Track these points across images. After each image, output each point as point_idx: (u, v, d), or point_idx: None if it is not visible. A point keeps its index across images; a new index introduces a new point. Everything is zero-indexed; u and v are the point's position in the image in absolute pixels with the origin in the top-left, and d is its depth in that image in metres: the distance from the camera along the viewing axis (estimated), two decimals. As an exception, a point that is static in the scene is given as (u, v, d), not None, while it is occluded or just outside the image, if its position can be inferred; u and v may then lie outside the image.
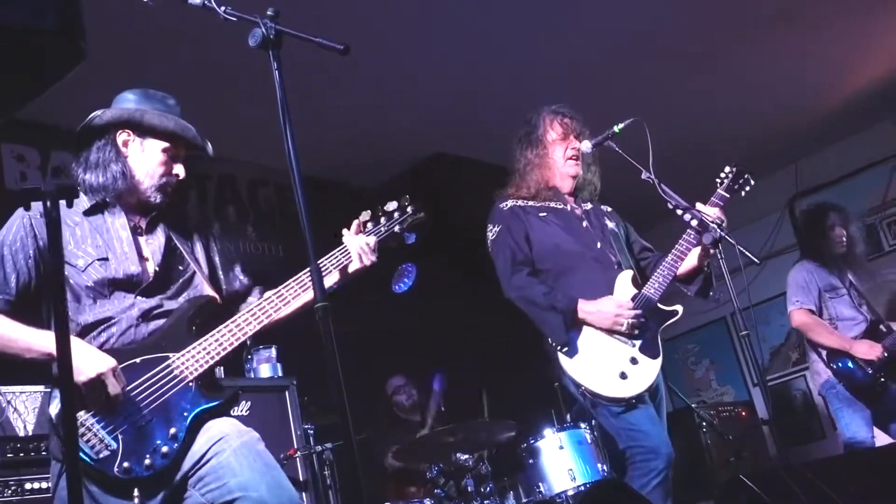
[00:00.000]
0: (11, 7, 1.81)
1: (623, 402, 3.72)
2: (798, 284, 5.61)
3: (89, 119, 2.79)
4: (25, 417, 3.92)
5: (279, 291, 2.81)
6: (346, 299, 2.85)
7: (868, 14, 6.47)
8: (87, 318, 2.61)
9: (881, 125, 8.37)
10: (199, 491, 2.48)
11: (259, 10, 2.35)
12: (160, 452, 2.46)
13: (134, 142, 2.79)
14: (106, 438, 2.42)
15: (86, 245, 2.68)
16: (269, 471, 2.49)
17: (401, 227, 3.10)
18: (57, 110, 3.04)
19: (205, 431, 2.56)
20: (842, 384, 5.32)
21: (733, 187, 4.07)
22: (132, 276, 2.68)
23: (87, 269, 2.63)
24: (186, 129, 2.85)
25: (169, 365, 2.58)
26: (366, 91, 6.03)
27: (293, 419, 4.72)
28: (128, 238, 2.75)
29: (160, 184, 2.80)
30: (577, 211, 4.11)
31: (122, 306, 2.64)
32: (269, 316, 2.77)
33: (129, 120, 2.77)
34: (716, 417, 6.95)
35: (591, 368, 3.78)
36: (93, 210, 2.76)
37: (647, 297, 3.87)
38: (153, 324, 2.66)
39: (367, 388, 6.52)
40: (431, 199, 3.25)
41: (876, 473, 3.43)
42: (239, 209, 6.70)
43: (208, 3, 2.44)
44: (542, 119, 4.18)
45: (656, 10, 5.84)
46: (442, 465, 5.20)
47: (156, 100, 2.85)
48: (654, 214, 5.20)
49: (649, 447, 3.65)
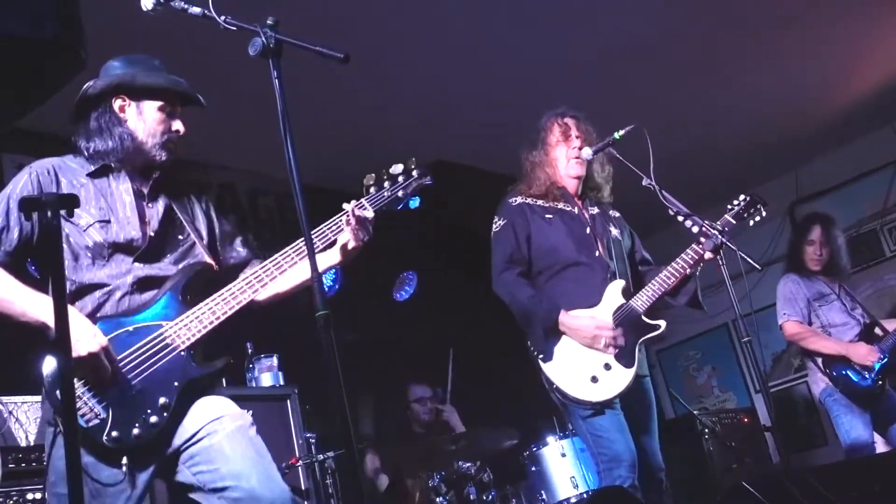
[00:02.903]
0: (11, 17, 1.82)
1: (590, 405, 3.73)
2: (785, 297, 5.63)
3: (83, 91, 2.81)
4: (27, 427, 3.92)
5: (275, 258, 2.79)
6: (347, 307, 2.85)
7: (868, 21, 6.48)
8: (83, 278, 2.62)
9: (881, 131, 8.37)
10: (190, 469, 2.49)
11: (259, 19, 2.36)
12: (149, 422, 2.46)
13: (130, 106, 2.81)
14: (96, 407, 2.43)
15: (89, 206, 2.69)
16: (261, 460, 2.50)
17: (405, 192, 3.04)
18: (57, 120, 3.05)
19: (199, 407, 2.56)
20: (840, 390, 5.31)
21: (742, 215, 4.05)
22: (132, 241, 2.69)
23: (87, 230, 2.65)
24: (178, 82, 2.88)
25: (161, 333, 2.57)
26: (366, 98, 6.04)
27: (295, 428, 4.71)
28: (131, 202, 2.76)
29: (163, 141, 2.82)
30: (583, 215, 4.10)
31: (118, 271, 2.65)
32: (263, 283, 2.74)
33: (121, 84, 2.80)
34: (718, 424, 6.94)
35: (564, 369, 3.79)
36: (98, 173, 2.77)
37: (632, 308, 3.85)
38: (148, 292, 2.66)
39: (367, 394, 6.53)
40: (432, 206, 3.21)
41: (877, 479, 3.42)
42: (239, 217, 6.70)
43: (208, 12, 2.45)
44: (545, 122, 4.21)
45: (657, 18, 5.85)
46: (444, 473, 5.20)
47: (140, 62, 2.88)
48: (656, 221, 5.20)
49: (612, 454, 3.67)
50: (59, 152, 2.85)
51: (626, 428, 3.75)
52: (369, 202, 2.94)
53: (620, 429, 3.73)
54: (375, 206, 2.95)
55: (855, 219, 8.44)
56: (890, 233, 8.47)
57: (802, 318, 5.52)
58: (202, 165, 6.10)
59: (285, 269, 2.77)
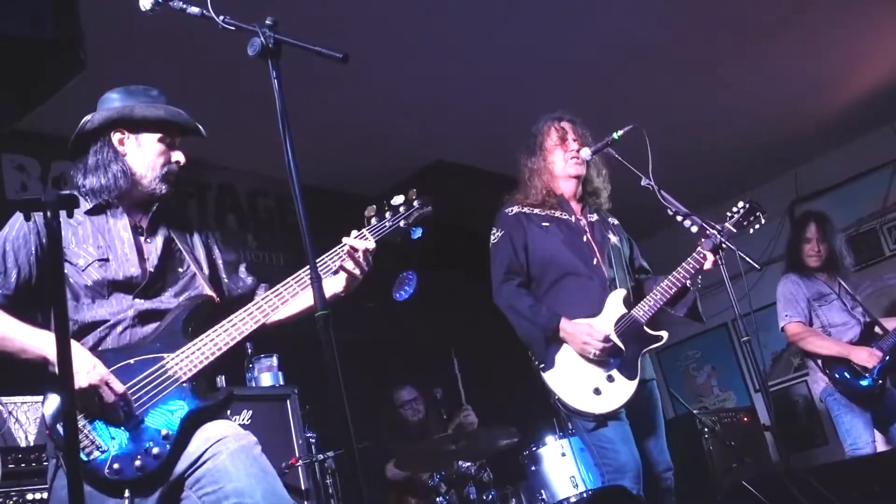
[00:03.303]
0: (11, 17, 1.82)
1: (592, 418, 3.73)
2: (785, 298, 5.61)
3: (80, 126, 2.79)
4: (27, 428, 3.92)
5: (277, 290, 2.77)
6: (347, 307, 2.84)
7: (867, 21, 6.48)
8: (85, 317, 2.60)
9: (881, 130, 8.37)
10: (196, 493, 2.48)
11: (258, 19, 2.36)
12: (151, 454, 2.45)
13: (129, 139, 2.79)
14: (97, 440, 2.42)
15: (87, 245, 2.68)
16: (265, 477, 2.49)
17: (406, 223, 3.03)
18: (57, 120, 3.05)
19: (201, 432, 2.55)
20: (839, 391, 5.31)
21: (742, 223, 4.04)
22: (132, 278, 2.68)
23: (86, 269, 2.63)
24: (177, 114, 2.86)
25: (163, 366, 2.57)
26: (366, 99, 6.04)
27: (294, 428, 4.71)
28: (129, 239, 2.74)
29: (163, 174, 2.80)
30: (581, 222, 4.08)
31: (119, 308, 2.64)
32: (267, 315, 2.74)
33: (120, 118, 2.78)
34: (717, 423, 6.94)
35: (566, 381, 3.79)
36: (95, 210, 2.76)
37: (634, 318, 3.84)
38: (149, 325, 2.65)
39: (368, 396, 6.52)
40: (432, 207, 3.19)
41: (877, 479, 3.42)
42: (239, 218, 6.70)
43: (207, 12, 2.44)
44: (540, 127, 4.20)
45: (657, 18, 5.85)
46: (444, 473, 5.20)
47: (139, 94, 2.86)
48: (655, 221, 5.20)
49: (616, 465, 3.67)
50: (59, 153, 2.85)
51: (632, 438, 3.75)
52: (370, 232, 2.94)
53: (625, 439, 3.72)
54: (377, 236, 2.94)
55: (854, 218, 8.45)
56: (889, 232, 8.47)
57: (804, 319, 5.51)
58: (202, 165, 6.11)
59: (287, 299, 2.77)
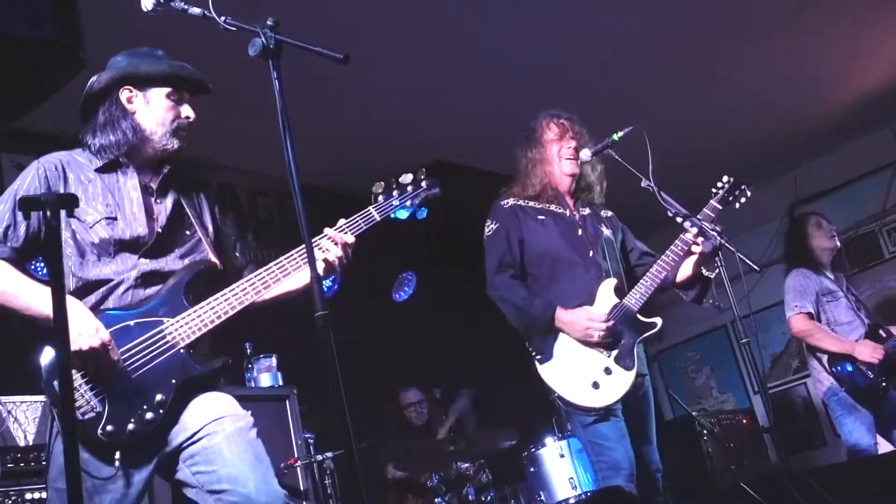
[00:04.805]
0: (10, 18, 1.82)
1: (593, 412, 3.72)
2: (795, 289, 5.58)
3: (88, 86, 2.79)
4: (26, 427, 3.92)
5: (279, 262, 2.76)
6: (347, 307, 2.83)
7: (867, 22, 6.49)
8: (89, 275, 2.60)
9: (880, 132, 8.38)
10: (190, 469, 2.49)
11: (259, 20, 2.36)
12: (145, 418, 2.45)
13: (137, 96, 2.78)
14: (92, 400, 2.42)
15: (96, 202, 2.68)
16: (259, 465, 2.49)
17: (412, 202, 3.03)
18: (57, 119, 3.05)
19: (200, 405, 2.55)
20: (844, 389, 5.30)
21: (727, 199, 4.05)
22: (139, 238, 2.67)
23: (94, 227, 2.63)
24: (183, 67, 2.86)
25: (162, 330, 2.56)
26: (365, 99, 6.04)
27: (294, 428, 4.71)
28: (138, 199, 2.74)
29: (173, 129, 2.80)
30: (575, 216, 4.10)
31: (123, 267, 2.63)
32: (268, 285, 2.72)
33: (126, 74, 2.77)
34: (716, 425, 6.94)
35: (564, 376, 3.78)
36: (106, 168, 2.75)
37: (626, 307, 3.85)
38: (152, 287, 2.65)
39: (367, 397, 6.52)
40: (431, 207, 3.19)
41: (877, 480, 3.43)
42: (238, 217, 6.70)
43: (208, 13, 2.45)
44: (539, 122, 4.21)
45: (656, 18, 5.85)
46: (443, 474, 5.20)
47: (145, 54, 2.86)
48: (654, 222, 5.20)
49: (611, 462, 3.67)
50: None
51: (627, 435, 3.74)
52: (377, 210, 2.96)
53: (621, 437, 3.72)
54: (383, 214, 2.97)
55: (854, 220, 8.45)
56: (889, 234, 8.47)
57: (812, 312, 5.49)
58: (202, 165, 6.11)
59: (290, 271, 2.76)
